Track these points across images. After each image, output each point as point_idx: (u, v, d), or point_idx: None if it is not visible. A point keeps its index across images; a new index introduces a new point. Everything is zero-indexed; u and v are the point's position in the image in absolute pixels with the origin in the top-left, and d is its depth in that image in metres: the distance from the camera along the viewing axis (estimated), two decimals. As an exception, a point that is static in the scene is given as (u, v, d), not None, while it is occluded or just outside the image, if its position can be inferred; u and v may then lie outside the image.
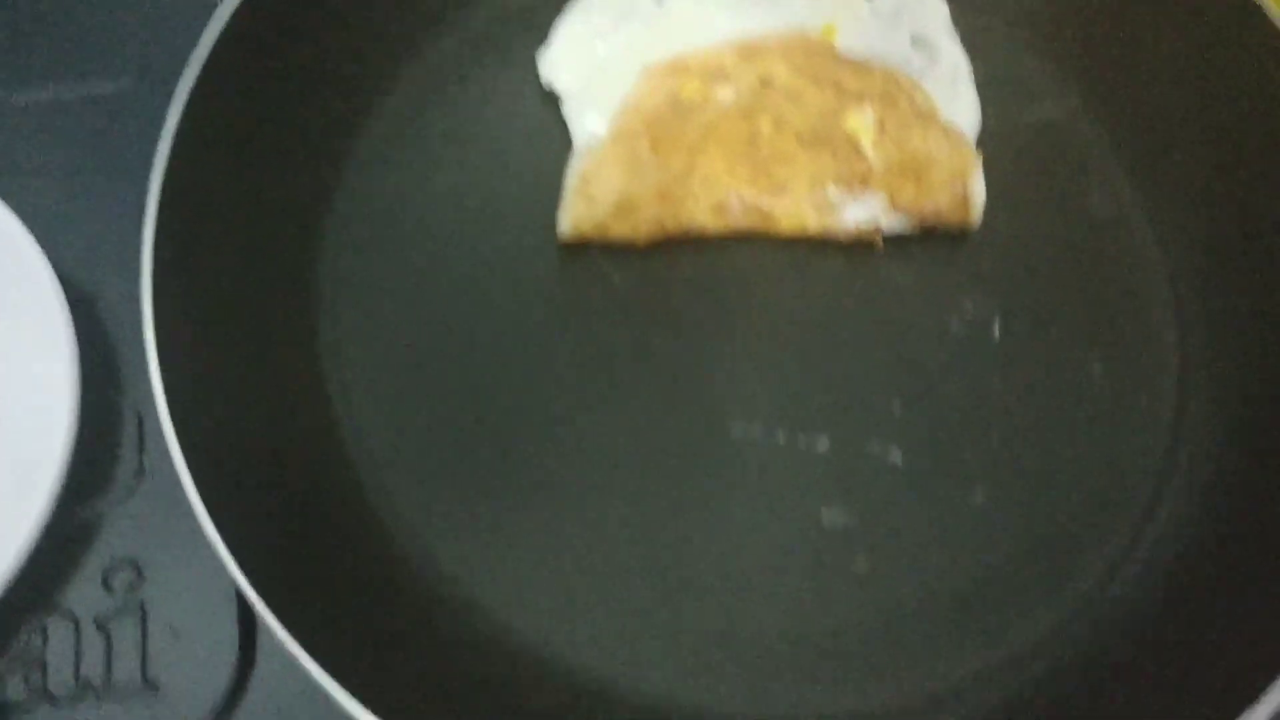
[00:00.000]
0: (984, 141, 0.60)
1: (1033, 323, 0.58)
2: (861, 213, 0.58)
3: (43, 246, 0.55)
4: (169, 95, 0.56)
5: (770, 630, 0.52)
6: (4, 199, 0.56)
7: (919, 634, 0.52)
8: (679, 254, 0.58)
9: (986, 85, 0.62)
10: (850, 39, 0.61)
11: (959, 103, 0.60)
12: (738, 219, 0.58)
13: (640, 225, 0.57)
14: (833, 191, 0.57)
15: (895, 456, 0.55)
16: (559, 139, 0.60)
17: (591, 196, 0.57)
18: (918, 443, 0.55)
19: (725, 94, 0.58)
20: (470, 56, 0.62)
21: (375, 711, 0.44)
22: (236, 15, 0.54)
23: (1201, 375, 0.57)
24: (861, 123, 0.57)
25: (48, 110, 0.64)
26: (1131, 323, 0.58)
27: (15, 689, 0.53)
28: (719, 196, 0.57)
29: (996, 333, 0.58)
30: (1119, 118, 0.62)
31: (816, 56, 0.59)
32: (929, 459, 0.55)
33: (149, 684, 0.53)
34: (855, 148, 0.57)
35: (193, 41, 0.55)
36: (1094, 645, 0.52)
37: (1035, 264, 0.59)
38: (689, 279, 0.58)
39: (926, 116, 0.58)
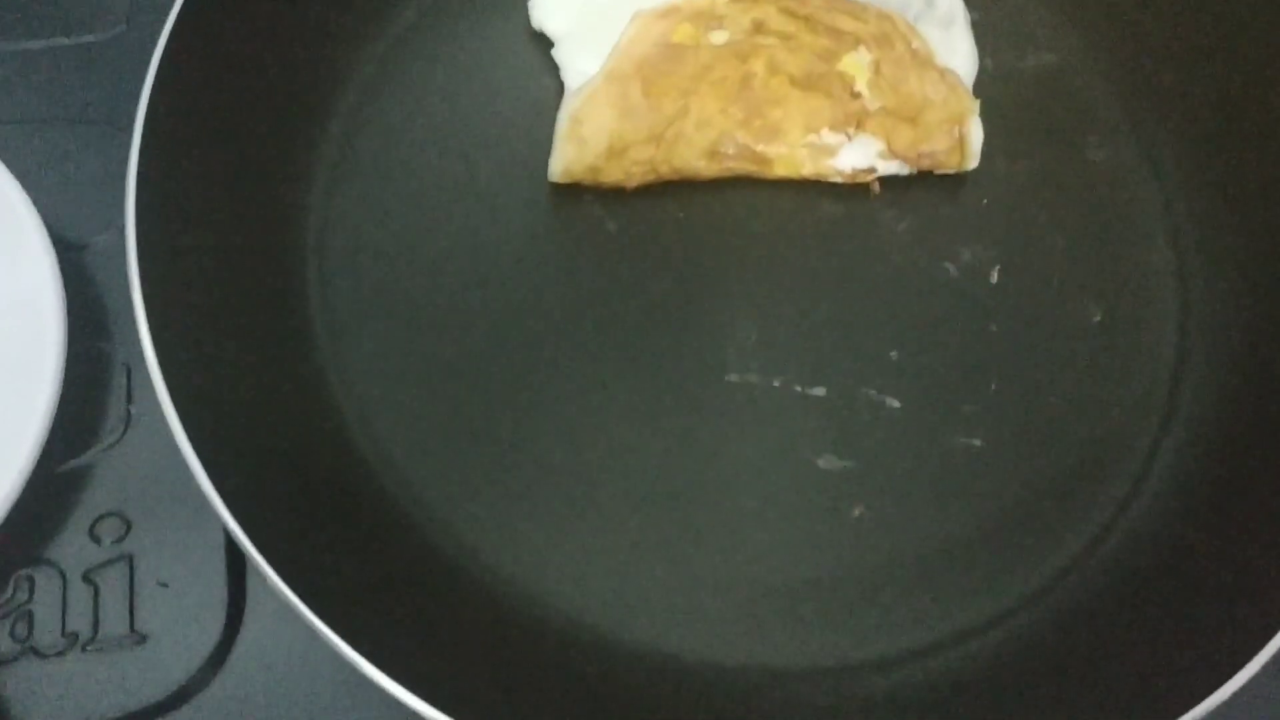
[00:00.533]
0: (981, 86, 0.60)
1: (1031, 269, 0.57)
2: (857, 156, 0.57)
3: (31, 195, 0.55)
4: (151, 43, 0.55)
5: (766, 576, 0.52)
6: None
7: (915, 581, 0.52)
8: (672, 198, 0.58)
9: (984, 30, 0.61)
10: None
11: (956, 47, 0.60)
12: (731, 162, 0.57)
13: (632, 168, 0.56)
14: (827, 134, 0.56)
15: (892, 403, 0.54)
16: (550, 83, 0.60)
17: (582, 139, 0.56)
18: (915, 389, 0.55)
19: (718, 37, 0.57)
20: (459, 2, 0.62)
21: (368, 655, 0.43)
22: None
23: (1202, 322, 0.57)
24: (856, 65, 0.57)
25: (37, 59, 0.63)
26: (1130, 269, 0.58)
27: (1, 642, 0.52)
28: (712, 139, 0.56)
29: (994, 278, 0.57)
30: (1118, 62, 0.61)
31: (811, 1, 0.58)
32: (926, 406, 0.54)
33: (137, 636, 0.52)
34: (850, 90, 0.56)
35: None
36: (1092, 596, 0.52)
37: (1034, 210, 0.58)
38: (683, 223, 0.57)
39: (923, 61, 0.58)
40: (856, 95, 0.56)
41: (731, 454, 0.53)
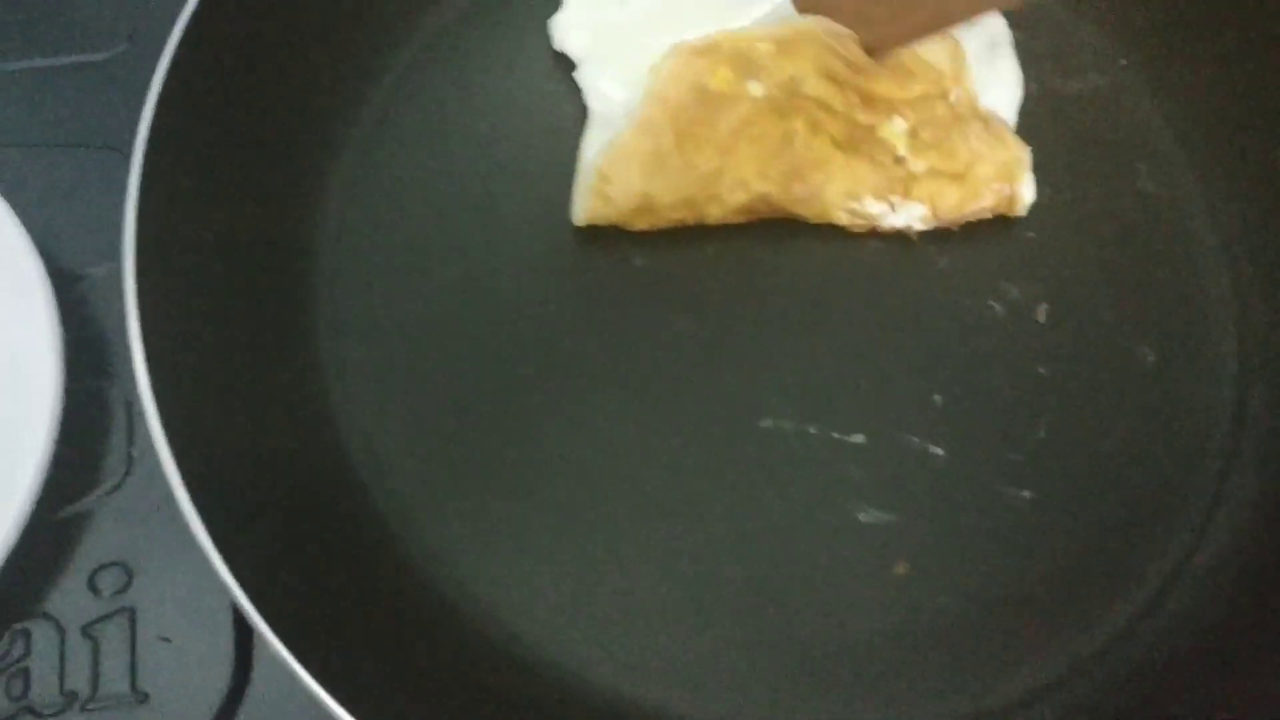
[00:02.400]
0: (1026, 114, 0.57)
1: (1081, 308, 0.55)
2: (900, 220, 0.54)
3: (27, 223, 0.53)
4: (153, 64, 0.52)
5: (801, 638, 0.49)
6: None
7: (961, 644, 0.49)
8: (704, 234, 0.55)
9: (1028, 52, 0.58)
10: None
11: (1000, 72, 0.57)
12: (767, 214, 0.54)
13: (660, 223, 0.54)
14: (870, 203, 0.53)
15: (936, 451, 0.51)
16: (572, 106, 0.57)
17: (609, 196, 0.53)
18: (960, 437, 0.52)
19: (755, 89, 0.54)
20: (479, 20, 0.59)
21: None
22: None
23: (1263, 361, 0.54)
24: (893, 134, 0.54)
25: (34, 79, 0.61)
26: (1186, 306, 0.55)
27: (-5, 700, 0.50)
28: (747, 200, 0.53)
29: (1042, 318, 0.54)
30: (1170, 87, 0.59)
31: (847, 63, 0.55)
32: (972, 454, 0.52)
33: (138, 695, 0.50)
34: (893, 155, 0.54)
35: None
36: (1150, 661, 0.49)
37: (1083, 245, 0.56)
38: (714, 261, 0.55)
39: (962, 115, 0.55)
40: (900, 160, 0.54)
41: (764, 506, 0.51)
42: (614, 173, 0.53)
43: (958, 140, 0.54)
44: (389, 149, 0.57)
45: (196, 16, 0.50)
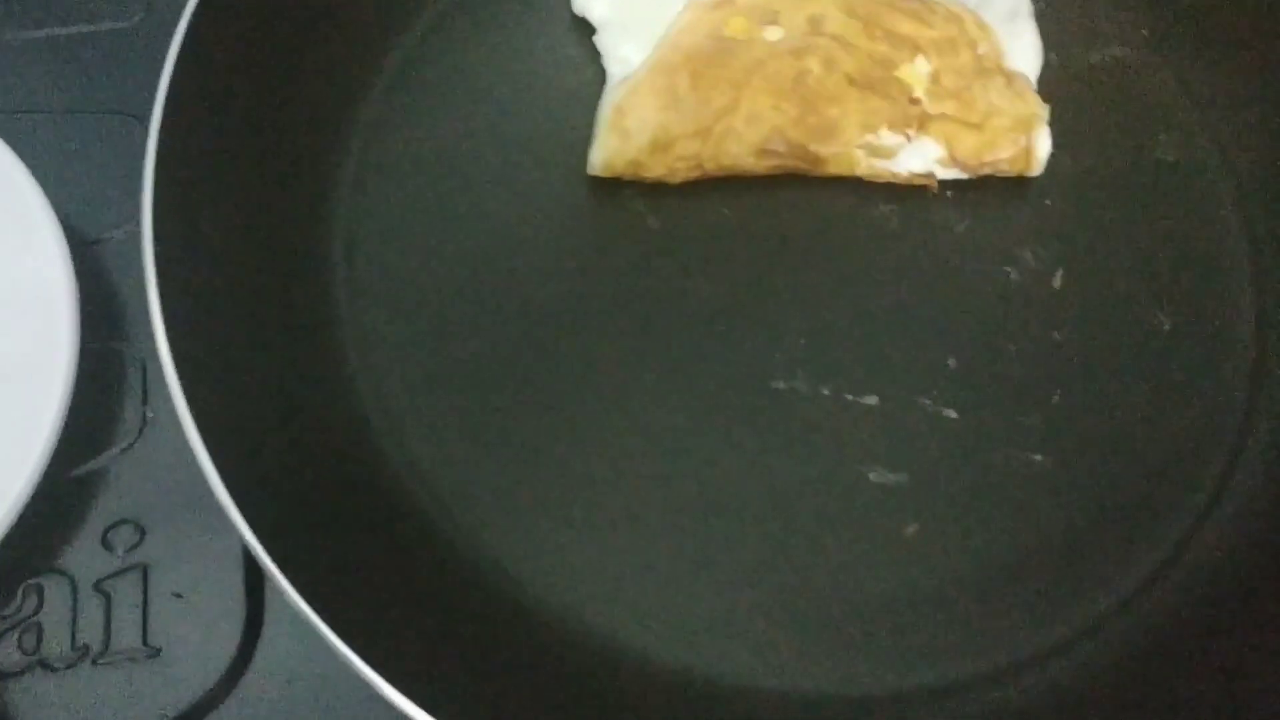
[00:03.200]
0: (1046, 82, 0.57)
1: (1097, 274, 0.54)
2: (915, 160, 0.54)
3: (45, 187, 0.53)
4: (171, 32, 0.53)
5: (813, 597, 0.49)
6: (5, 138, 0.53)
7: (970, 606, 0.49)
8: (718, 194, 0.55)
9: (1048, 22, 0.58)
10: None
11: (1019, 41, 0.57)
12: (782, 160, 0.54)
13: (677, 164, 0.54)
14: (885, 134, 0.53)
15: (949, 414, 0.51)
16: (591, 72, 0.57)
17: (625, 130, 0.53)
18: (973, 399, 0.52)
19: (772, 34, 0.54)
20: None
21: (386, 675, 0.40)
22: None
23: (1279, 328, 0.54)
24: (914, 75, 0.54)
25: (52, 46, 0.61)
26: (1203, 274, 0.55)
27: (8, 655, 0.50)
28: (762, 135, 0.53)
29: (1058, 283, 0.54)
30: (1190, 54, 0.59)
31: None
32: (985, 417, 0.51)
33: (150, 649, 0.50)
34: (909, 96, 0.54)
35: None
36: (1160, 625, 0.49)
37: (1100, 211, 0.56)
38: (729, 221, 0.55)
39: (989, 68, 0.55)
40: (916, 101, 0.54)
41: (777, 466, 0.51)
42: (630, 105, 0.53)
43: (978, 92, 0.54)
44: (407, 112, 0.57)
45: None
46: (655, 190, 0.55)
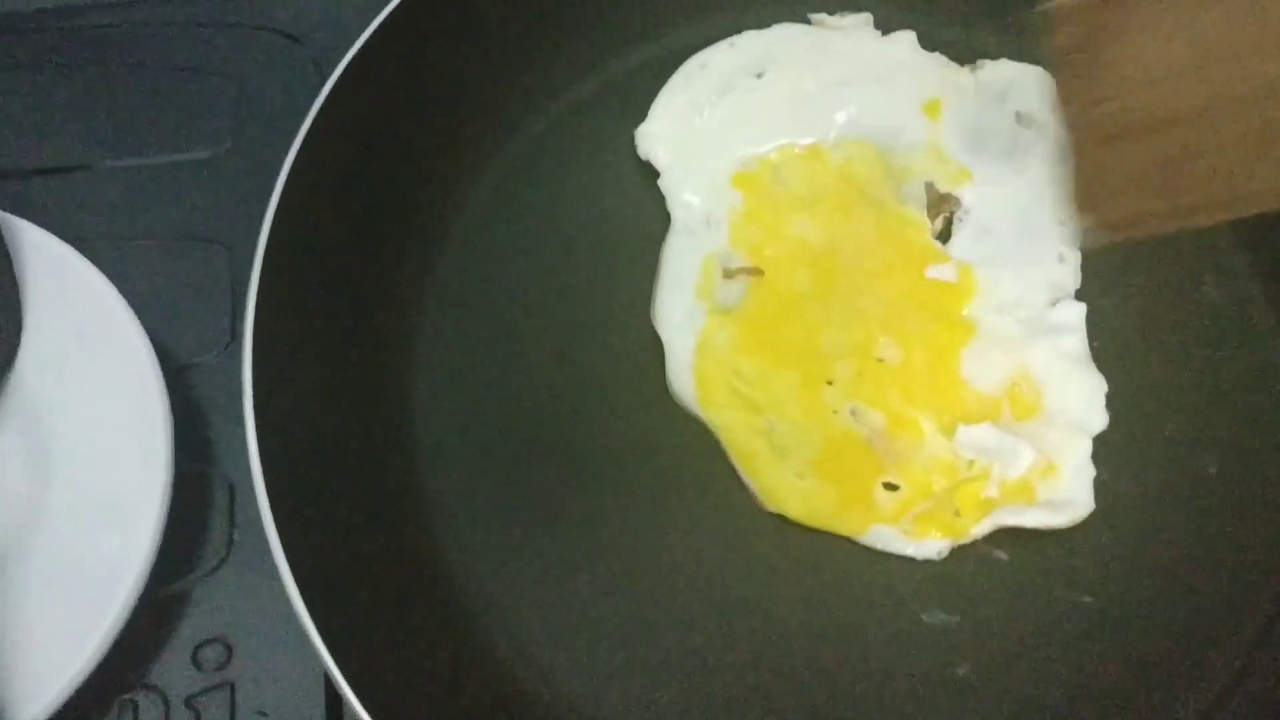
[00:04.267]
0: None
1: (1144, 415, 0.55)
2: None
3: (138, 313, 0.55)
4: (262, 162, 0.57)
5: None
6: (99, 264, 0.56)
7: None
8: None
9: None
10: (954, 114, 0.59)
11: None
12: None
13: None
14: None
15: (999, 555, 0.53)
16: (656, 212, 0.60)
17: None
18: (1022, 542, 0.53)
19: None
20: (569, 129, 0.62)
21: None
22: (338, 88, 0.54)
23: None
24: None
25: (144, 175, 0.63)
26: (1249, 417, 0.56)
27: (105, 768, 0.53)
28: None
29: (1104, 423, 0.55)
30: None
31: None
32: (1035, 559, 0.53)
33: (239, 767, 0.53)
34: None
35: (289, 112, 0.55)
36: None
37: (1144, 352, 0.57)
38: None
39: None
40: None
41: (828, 607, 0.53)
42: None
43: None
44: (483, 251, 0.59)
45: (315, 124, 0.53)
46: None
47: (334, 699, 0.53)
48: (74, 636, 0.50)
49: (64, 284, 0.56)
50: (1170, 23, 0.39)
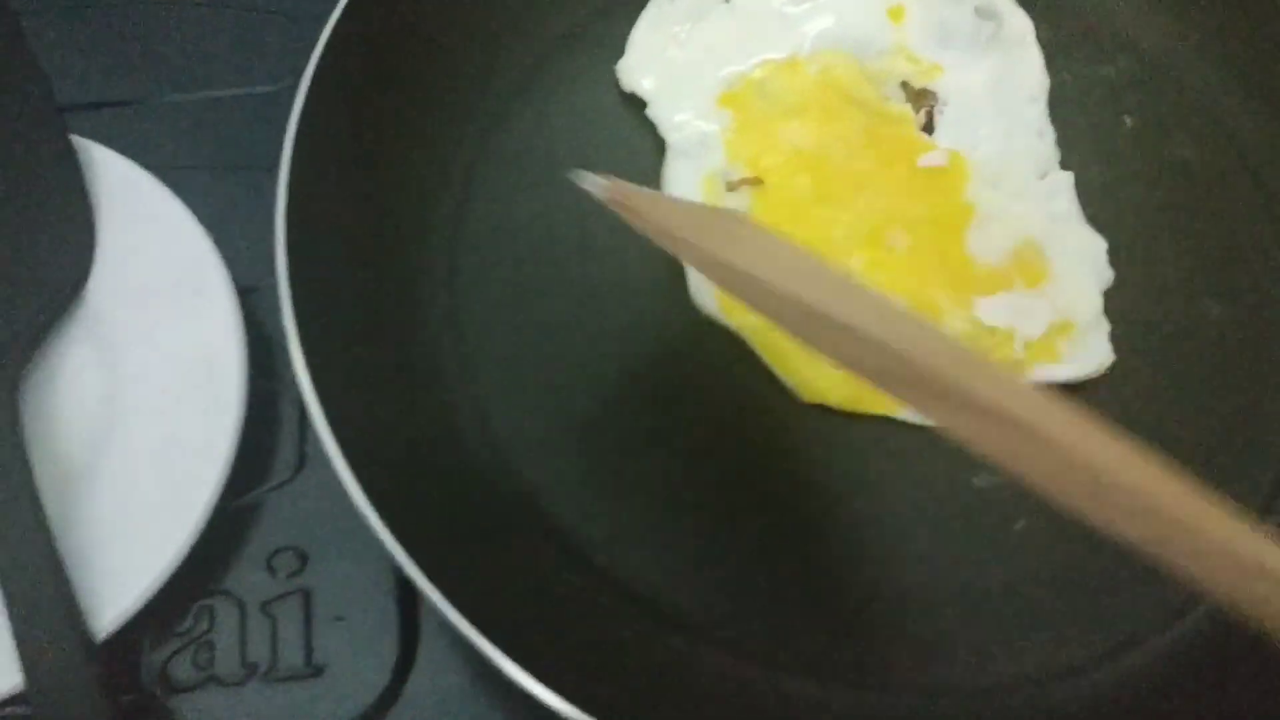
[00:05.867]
0: (1056, 101, 0.62)
1: (1143, 268, 0.59)
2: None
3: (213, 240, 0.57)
4: None
5: (923, 593, 0.52)
6: (174, 190, 0.58)
7: (1084, 593, 0.52)
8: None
9: (1054, 46, 0.63)
10: (918, 16, 0.63)
11: (1026, 67, 0.62)
12: None
13: None
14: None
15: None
16: (649, 140, 0.62)
17: None
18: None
19: None
20: (550, 70, 0.64)
21: (544, 680, 0.43)
22: (339, 29, 0.56)
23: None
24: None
25: (212, 108, 0.66)
26: (1242, 259, 0.59)
27: (184, 669, 0.53)
28: None
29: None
30: (1204, 59, 0.64)
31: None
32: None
33: (314, 669, 0.53)
34: None
35: None
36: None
37: (1135, 211, 0.60)
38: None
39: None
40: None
41: (884, 486, 0.54)
42: None
43: None
44: (486, 192, 0.61)
45: (324, 59, 0.55)
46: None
47: (406, 603, 0.55)
48: (152, 545, 0.52)
49: (137, 205, 0.58)
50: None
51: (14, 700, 0.48)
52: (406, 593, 0.55)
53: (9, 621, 0.48)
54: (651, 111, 0.62)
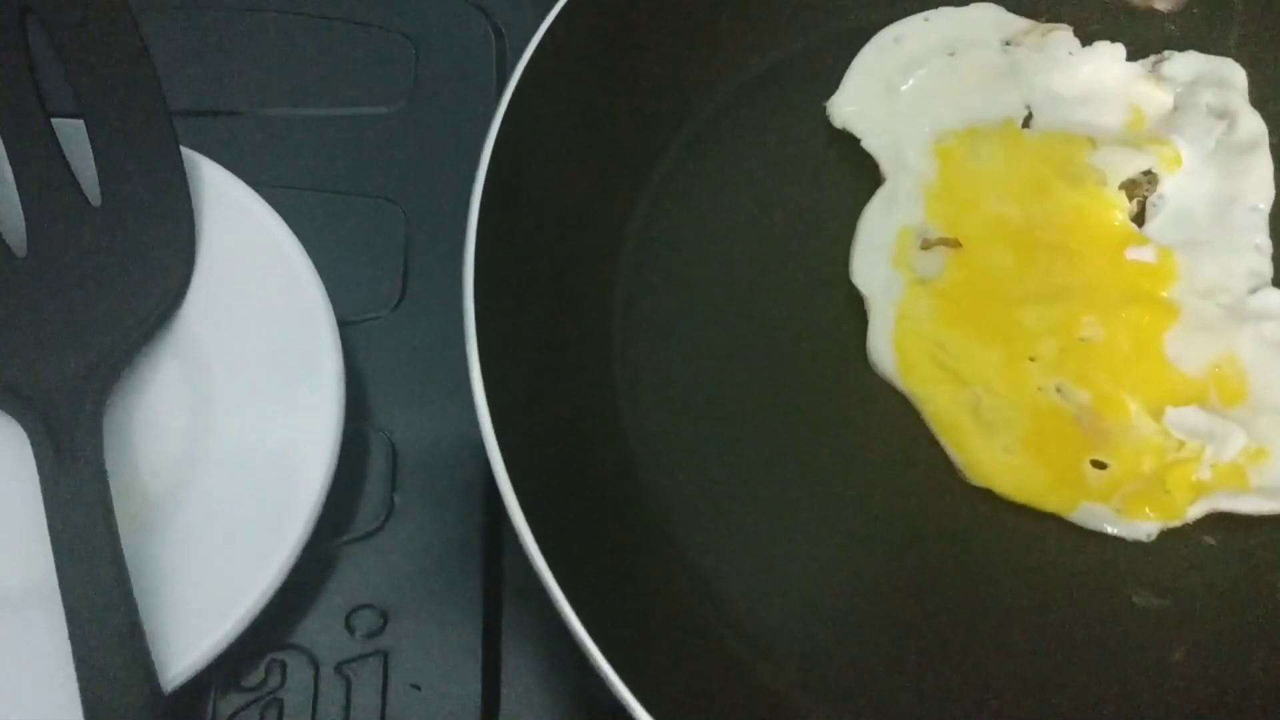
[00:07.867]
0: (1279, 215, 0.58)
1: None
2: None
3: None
4: (436, 124, 0.59)
5: (1070, 704, 0.48)
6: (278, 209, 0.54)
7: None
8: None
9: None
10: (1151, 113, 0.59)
11: (1254, 174, 0.58)
12: None
13: None
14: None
15: (1208, 540, 0.51)
16: (852, 176, 0.59)
17: None
18: (1231, 525, 0.51)
19: None
20: (755, 104, 0.62)
21: None
22: (537, 56, 0.53)
23: None
24: None
25: (320, 126, 0.63)
26: None
27: (250, 724, 0.49)
28: None
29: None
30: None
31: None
32: (1245, 543, 0.51)
33: (388, 736, 0.49)
34: None
35: (467, 77, 0.59)
36: None
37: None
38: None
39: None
40: None
41: (1040, 583, 0.51)
42: None
43: None
44: (676, 216, 0.59)
45: (514, 92, 0.52)
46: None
47: (489, 674, 0.51)
48: (230, 591, 0.48)
49: (241, 226, 0.54)
50: None
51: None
52: (489, 662, 0.51)
53: (75, 666, 0.44)
54: (868, 144, 0.59)
